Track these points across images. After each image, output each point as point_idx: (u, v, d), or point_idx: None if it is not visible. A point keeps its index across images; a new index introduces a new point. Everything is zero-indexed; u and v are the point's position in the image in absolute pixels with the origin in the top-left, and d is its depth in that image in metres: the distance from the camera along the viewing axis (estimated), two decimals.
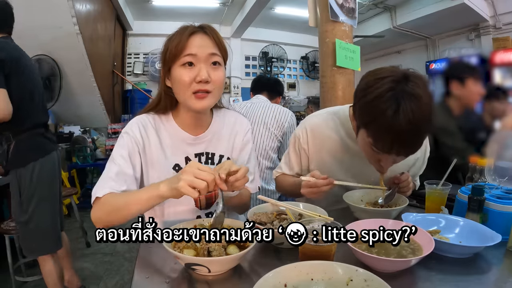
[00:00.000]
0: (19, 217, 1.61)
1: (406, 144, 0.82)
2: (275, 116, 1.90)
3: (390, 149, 0.82)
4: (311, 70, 7.30)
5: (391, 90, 0.78)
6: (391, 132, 0.78)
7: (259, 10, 5.13)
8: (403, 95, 0.77)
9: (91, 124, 4.61)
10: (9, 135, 1.57)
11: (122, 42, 6.00)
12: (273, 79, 2.32)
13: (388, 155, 0.86)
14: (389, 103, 0.77)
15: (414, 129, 0.78)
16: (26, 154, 1.60)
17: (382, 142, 0.83)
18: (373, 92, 0.81)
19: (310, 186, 0.95)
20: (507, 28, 4.79)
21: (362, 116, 0.87)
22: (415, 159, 1.16)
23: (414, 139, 0.82)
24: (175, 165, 0.94)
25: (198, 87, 0.85)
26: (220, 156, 1.01)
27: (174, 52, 0.86)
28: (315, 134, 1.12)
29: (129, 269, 2.40)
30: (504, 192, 0.85)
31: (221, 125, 1.03)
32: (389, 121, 0.77)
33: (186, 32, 0.86)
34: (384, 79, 0.81)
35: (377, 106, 0.79)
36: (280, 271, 0.54)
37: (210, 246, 0.67)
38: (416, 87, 0.79)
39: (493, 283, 0.65)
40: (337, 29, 2.33)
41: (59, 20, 3.23)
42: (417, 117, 0.76)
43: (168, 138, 0.95)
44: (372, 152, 0.88)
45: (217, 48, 0.89)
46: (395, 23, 5.47)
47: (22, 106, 1.57)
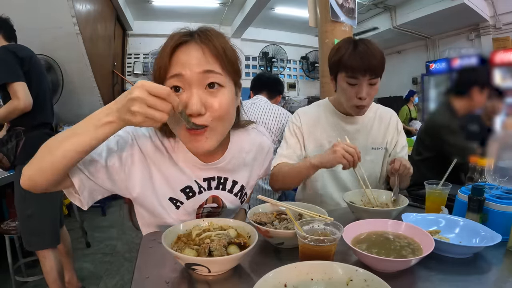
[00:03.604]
0: (23, 211, 1.67)
1: (367, 65, 1.06)
2: (276, 117, 1.89)
3: (357, 72, 1.08)
4: (311, 70, 7.30)
5: (348, 42, 1.13)
6: (354, 59, 1.07)
7: (259, 10, 5.13)
8: (357, 42, 1.11)
9: None
10: (20, 131, 1.68)
11: (122, 42, 6.00)
12: (273, 77, 2.31)
13: (361, 82, 1.09)
14: (349, 45, 1.11)
15: (370, 54, 1.06)
16: (34, 152, 1.62)
17: (351, 69, 1.08)
18: (335, 47, 1.16)
19: (348, 144, 0.99)
20: (507, 28, 4.79)
21: (334, 64, 1.15)
22: (388, 137, 1.27)
23: (373, 61, 1.07)
24: (186, 186, 0.84)
25: (191, 124, 0.66)
26: (234, 182, 0.89)
27: (158, 74, 0.68)
28: (306, 114, 1.29)
29: (129, 269, 2.40)
30: (504, 192, 0.85)
31: (239, 150, 0.88)
32: (351, 53, 1.08)
33: (171, 43, 0.67)
34: (343, 40, 1.17)
35: (340, 50, 1.12)
36: (280, 271, 0.54)
37: (212, 245, 0.67)
38: (365, 41, 1.12)
39: (493, 283, 0.65)
40: (337, 29, 2.33)
41: (59, 20, 3.23)
42: (371, 49, 1.07)
43: (179, 158, 0.82)
44: (349, 87, 1.12)
45: (215, 60, 0.68)
46: (395, 23, 5.48)
47: (36, 103, 1.68)
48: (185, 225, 0.77)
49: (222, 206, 0.90)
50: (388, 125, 1.29)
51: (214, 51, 0.68)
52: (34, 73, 1.71)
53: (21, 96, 1.59)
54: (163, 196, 0.82)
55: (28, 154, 1.64)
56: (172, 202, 0.84)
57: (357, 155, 0.98)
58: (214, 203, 0.88)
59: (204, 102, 0.66)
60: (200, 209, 0.87)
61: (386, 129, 1.28)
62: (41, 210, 1.69)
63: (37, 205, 1.67)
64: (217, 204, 0.89)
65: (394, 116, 1.32)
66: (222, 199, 0.89)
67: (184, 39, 0.68)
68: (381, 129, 1.28)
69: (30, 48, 1.80)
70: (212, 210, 0.89)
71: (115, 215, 3.66)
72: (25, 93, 1.60)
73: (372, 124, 1.28)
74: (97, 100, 4.27)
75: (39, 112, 1.73)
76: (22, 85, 1.60)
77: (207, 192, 0.86)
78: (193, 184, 0.84)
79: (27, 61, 1.68)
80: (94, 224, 3.35)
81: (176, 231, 0.75)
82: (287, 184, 1.21)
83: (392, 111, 1.34)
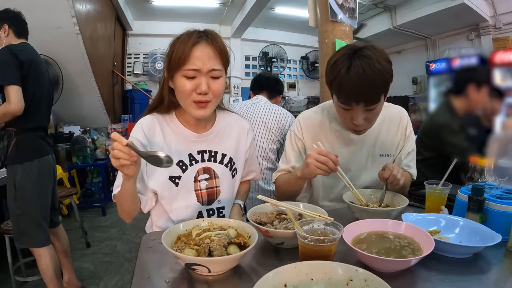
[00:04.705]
0: (15, 210, 1.69)
1: (361, 94, 0.93)
2: (275, 117, 1.89)
3: (349, 100, 0.96)
4: (311, 70, 7.30)
5: (346, 55, 0.95)
6: (347, 85, 0.93)
7: (259, 10, 5.12)
8: (354, 56, 0.93)
9: (91, 124, 4.61)
10: (12, 132, 1.68)
11: (122, 42, 6.00)
12: (273, 77, 2.30)
13: (355, 109, 0.97)
14: (343, 63, 0.94)
15: (365, 80, 0.90)
16: (25, 152, 1.69)
17: (343, 95, 0.97)
18: (333, 59, 0.99)
19: (320, 152, 0.94)
20: (507, 28, 4.79)
21: (328, 81, 1.02)
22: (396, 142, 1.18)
23: (367, 89, 0.92)
24: (179, 161, 0.99)
25: (198, 98, 0.90)
26: (223, 155, 1.06)
27: (177, 63, 0.89)
28: (307, 123, 1.20)
29: (129, 269, 2.40)
30: (504, 192, 0.85)
31: (224, 126, 1.08)
32: (343, 76, 0.93)
33: (190, 42, 0.88)
34: (343, 49, 0.99)
35: (335, 68, 0.96)
36: (280, 271, 0.54)
37: (211, 245, 0.67)
38: (367, 50, 0.94)
39: (493, 283, 0.65)
40: (337, 29, 2.33)
41: (59, 20, 3.23)
42: (367, 71, 0.90)
43: (172, 136, 1.00)
44: (343, 111, 1.02)
45: (219, 58, 0.91)
46: (395, 23, 5.47)
47: (31, 107, 1.68)
48: (185, 225, 0.77)
49: (214, 176, 1.03)
50: (398, 127, 1.18)
51: (218, 50, 0.90)
52: (32, 77, 1.70)
53: (13, 100, 1.58)
54: (162, 175, 0.98)
55: (18, 154, 1.67)
56: (172, 181, 0.98)
57: (332, 160, 0.93)
58: (206, 173, 1.02)
59: (209, 86, 0.90)
60: (197, 184, 1.01)
61: (396, 132, 1.18)
62: (30, 210, 1.71)
63: (26, 205, 1.70)
64: (208, 175, 1.03)
65: (405, 116, 1.20)
66: (213, 169, 1.04)
67: (200, 39, 0.89)
68: (390, 132, 1.17)
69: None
70: (208, 184, 1.02)
71: (115, 215, 3.65)
72: (17, 98, 1.59)
73: (380, 128, 1.16)
74: (97, 100, 4.27)
75: (33, 116, 1.72)
76: (16, 89, 1.60)
77: (199, 164, 1.02)
78: (185, 158, 1.00)
79: (27, 65, 1.67)
80: (94, 224, 3.35)
81: (176, 231, 0.75)
82: (290, 196, 1.16)
83: (403, 111, 1.21)
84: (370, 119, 1.02)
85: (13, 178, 1.67)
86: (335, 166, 0.94)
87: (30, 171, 1.69)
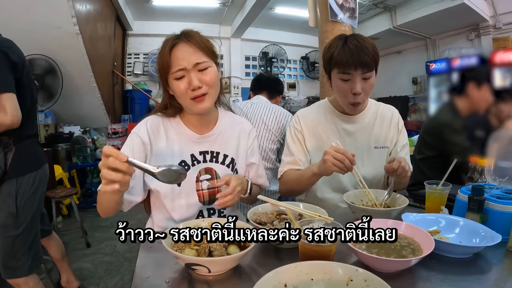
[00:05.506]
0: (12, 231, 1.44)
1: (359, 59, 1.05)
2: (276, 118, 1.89)
3: (349, 66, 1.06)
4: (311, 70, 7.29)
5: (339, 38, 1.12)
6: (345, 54, 1.06)
7: (259, 10, 5.12)
8: (347, 38, 1.10)
9: (91, 124, 4.61)
10: (10, 142, 1.45)
11: (122, 42, 6.00)
12: (273, 77, 2.31)
13: (354, 77, 1.08)
14: (339, 42, 1.10)
15: (360, 48, 1.05)
16: (27, 163, 1.50)
17: (343, 64, 1.07)
18: (328, 44, 1.14)
19: (337, 150, 0.97)
20: (507, 28, 4.78)
21: (326, 62, 1.13)
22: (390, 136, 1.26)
23: (363, 54, 1.05)
24: (182, 161, 1.00)
25: (194, 94, 0.93)
26: (224, 156, 1.07)
27: (165, 69, 0.93)
28: (305, 116, 1.28)
29: (129, 269, 2.40)
30: (504, 192, 0.85)
31: (226, 127, 1.09)
32: (341, 49, 1.08)
33: (167, 47, 0.92)
34: (335, 37, 1.15)
35: (331, 47, 1.11)
36: (280, 271, 0.54)
37: (212, 246, 0.67)
38: (356, 35, 1.11)
39: (493, 283, 0.65)
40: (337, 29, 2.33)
41: (59, 20, 3.23)
42: (360, 42, 1.06)
43: (175, 137, 1.02)
44: (342, 83, 1.11)
45: (201, 53, 0.93)
46: (395, 23, 5.46)
47: (25, 111, 1.45)
48: (185, 225, 0.77)
49: (215, 177, 1.04)
50: (390, 122, 1.27)
51: (197, 45, 0.93)
52: (26, 80, 1.49)
53: (9, 110, 1.34)
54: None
55: (20, 166, 1.44)
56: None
57: (349, 159, 0.95)
58: (207, 174, 1.03)
59: (200, 79, 0.92)
60: (198, 184, 1.01)
61: (388, 127, 1.26)
62: (31, 229, 1.51)
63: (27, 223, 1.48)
64: (210, 175, 1.03)
65: (396, 113, 1.30)
66: (215, 170, 1.05)
67: (176, 41, 0.92)
68: (383, 127, 1.26)
69: (27, 48, 1.66)
70: (210, 184, 1.03)
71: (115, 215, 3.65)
72: (14, 107, 1.36)
73: (374, 122, 1.25)
74: (97, 100, 4.27)
75: (28, 123, 1.50)
76: (12, 97, 1.36)
77: (201, 164, 1.03)
78: (188, 158, 1.01)
79: (20, 66, 1.44)
80: (94, 224, 3.35)
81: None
82: (296, 191, 1.24)
83: (393, 109, 1.32)
84: (366, 90, 1.12)
85: (15, 193, 1.44)
86: (351, 165, 0.96)
87: (33, 183, 1.50)
